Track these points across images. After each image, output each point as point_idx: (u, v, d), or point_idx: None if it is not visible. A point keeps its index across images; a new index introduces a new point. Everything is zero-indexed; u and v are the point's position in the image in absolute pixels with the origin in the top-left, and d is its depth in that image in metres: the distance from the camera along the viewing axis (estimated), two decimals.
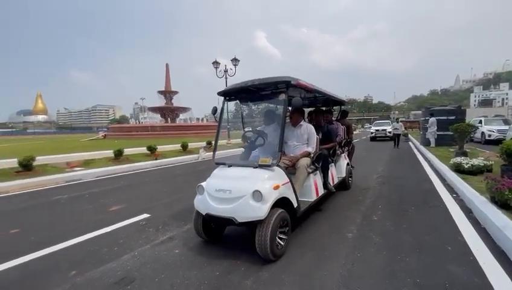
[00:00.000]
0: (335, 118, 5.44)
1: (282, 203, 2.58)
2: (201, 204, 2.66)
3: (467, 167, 5.34)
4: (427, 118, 12.29)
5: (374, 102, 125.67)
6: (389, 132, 17.30)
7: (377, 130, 18.85)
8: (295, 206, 2.73)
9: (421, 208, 3.81)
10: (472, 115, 24.08)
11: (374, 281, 2.06)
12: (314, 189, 3.32)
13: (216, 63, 18.11)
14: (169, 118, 34.33)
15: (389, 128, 17.72)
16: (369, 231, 3.04)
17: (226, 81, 17.77)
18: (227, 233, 2.99)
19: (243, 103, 3.68)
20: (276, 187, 2.48)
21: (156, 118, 44.94)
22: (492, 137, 12.94)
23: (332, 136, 4.29)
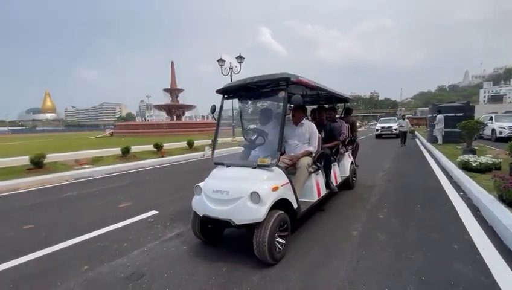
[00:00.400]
0: (339, 116, 5.33)
1: (282, 204, 2.51)
2: (199, 205, 2.62)
3: (474, 164, 5.27)
4: (435, 114, 12.11)
5: (380, 98, 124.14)
6: (395, 129, 16.97)
7: (382, 127, 18.40)
8: (295, 207, 2.65)
9: (427, 206, 3.80)
10: (481, 111, 23.57)
11: (379, 279, 2.08)
12: (316, 189, 3.25)
13: (221, 61, 18.13)
14: (174, 116, 34.55)
15: (395, 125, 17.36)
16: (375, 228, 3.06)
17: (231, 78, 17.78)
18: (231, 231, 2.99)
19: (242, 101, 3.56)
20: (275, 188, 2.41)
21: (162, 116, 45.30)
22: (503, 134, 12.57)
23: (336, 135, 4.20)
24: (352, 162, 4.93)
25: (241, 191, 2.35)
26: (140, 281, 2.17)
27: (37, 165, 7.18)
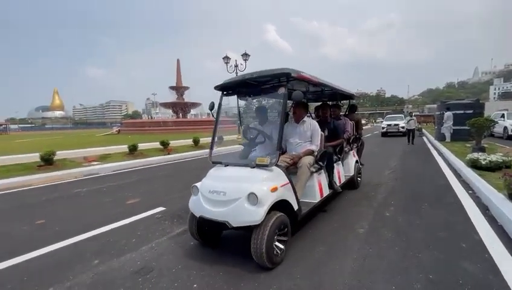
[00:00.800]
0: (343, 113, 5.21)
1: (281, 205, 2.41)
2: (195, 206, 2.55)
3: (484, 163, 5.19)
4: (443, 112, 11.92)
5: (386, 96, 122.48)
6: (401, 127, 16.55)
7: (388, 125, 17.78)
8: (295, 209, 2.55)
9: (435, 204, 3.76)
10: (491, 108, 23.07)
11: (386, 276, 2.08)
12: (318, 189, 3.13)
13: (227, 58, 18.14)
14: (180, 113, 34.75)
15: (402, 122, 16.94)
16: (381, 226, 3.05)
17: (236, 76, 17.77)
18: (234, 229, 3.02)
19: (241, 97, 3.40)
20: (273, 189, 2.30)
21: (168, 114, 45.58)
22: None
23: (340, 133, 4.06)
24: (357, 161, 4.80)
25: (239, 191, 2.27)
26: (149, 276, 2.21)
27: (47, 162, 7.34)
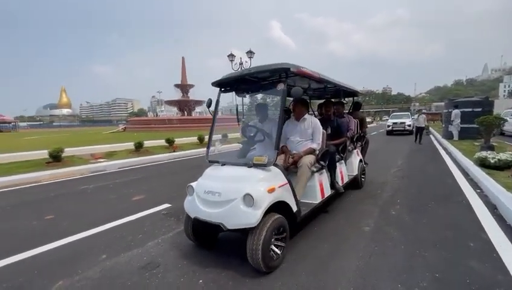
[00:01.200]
0: (347, 111, 5.07)
1: (280, 207, 2.31)
2: (190, 206, 2.47)
3: (493, 161, 5.10)
4: (451, 110, 11.72)
5: (393, 93, 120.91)
6: (408, 125, 16.19)
7: (394, 123, 16.99)
8: (294, 210, 2.45)
9: (442, 203, 3.72)
10: (501, 106, 22.56)
11: (392, 274, 2.07)
12: (319, 190, 3.01)
13: (231, 56, 18.13)
14: (185, 111, 34.90)
15: (408, 121, 16.63)
16: (387, 225, 3.03)
17: None
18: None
19: (239, 94, 3.26)
20: (271, 190, 2.21)
21: (173, 111, 45.83)
22: None
23: (343, 131, 3.94)
24: (361, 160, 4.67)
25: (234, 192, 2.19)
26: (155, 271, 2.24)
27: (55, 158, 7.47)
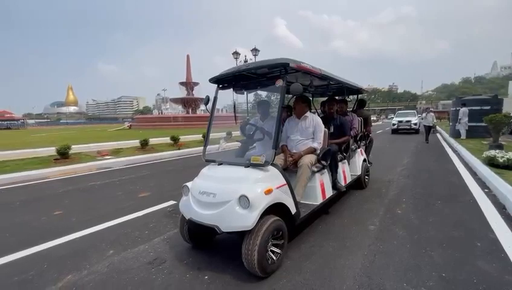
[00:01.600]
0: (351, 109, 4.96)
1: (278, 208, 2.23)
2: (185, 207, 2.39)
3: (501, 160, 5.03)
4: (458, 108, 11.55)
5: (399, 91, 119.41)
6: (414, 124, 15.84)
7: (399, 121, 16.45)
8: (293, 212, 2.36)
9: (449, 202, 3.68)
10: (510, 105, 22.10)
11: (397, 273, 2.07)
12: (320, 191, 2.90)
13: (236, 54, 18.13)
14: (190, 109, 35.04)
15: (414, 119, 16.22)
16: (393, 224, 3.01)
17: None
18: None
19: (237, 91, 3.14)
20: (268, 191, 2.11)
21: (178, 109, 46.02)
22: None
23: (346, 129, 3.80)
24: (364, 160, 4.54)
25: (229, 194, 2.10)
26: (161, 267, 2.28)
27: (63, 155, 7.59)
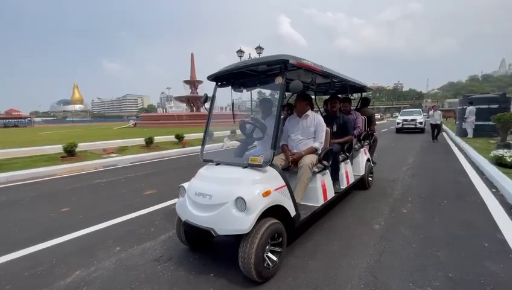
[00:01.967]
0: (354, 107, 4.90)
1: (276, 211, 2.15)
2: (181, 208, 2.33)
3: (510, 160, 4.96)
4: (465, 106, 11.39)
5: (404, 89, 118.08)
6: (419, 123, 15.51)
7: (404, 120, 16.06)
8: (292, 215, 2.27)
9: (455, 201, 3.64)
10: None
11: (403, 273, 2.06)
12: (322, 192, 2.81)
13: (240, 52, 18.08)
14: (194, 107, 35.14)
15: (419, 118, 15.84)
16: (398, 223, 2.99)
17: None
18: None
19: (236, 89, 3.05)
20: (266, 193, 2.03)
21: (182, 107, 46.17)
22: None
23: (349, 129, 3.73)
24: (368, 159, 4.44)
25: (226, 195, 2.03)
26: (167, 264, 2.30)
27: (69, 153, 7.69)
